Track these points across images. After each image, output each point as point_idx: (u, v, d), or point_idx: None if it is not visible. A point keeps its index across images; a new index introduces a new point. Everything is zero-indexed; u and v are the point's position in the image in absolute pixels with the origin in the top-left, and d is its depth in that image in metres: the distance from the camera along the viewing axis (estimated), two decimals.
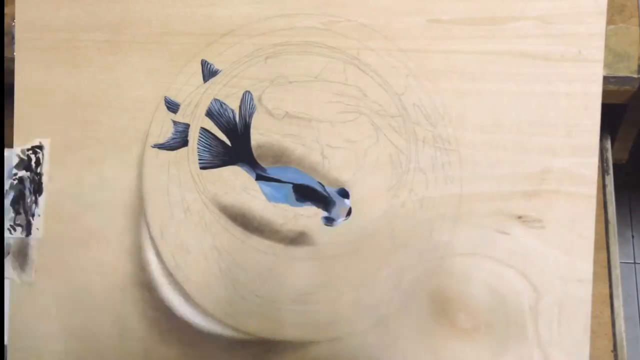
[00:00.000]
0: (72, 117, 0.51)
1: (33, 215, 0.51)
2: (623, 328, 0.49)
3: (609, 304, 0.49)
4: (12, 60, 0.52)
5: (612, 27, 0.44)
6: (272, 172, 0.47)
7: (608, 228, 0.51)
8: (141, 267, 0.48)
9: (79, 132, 0.51)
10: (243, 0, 0.48)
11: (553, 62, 0.43)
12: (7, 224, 0.51)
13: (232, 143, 0.48)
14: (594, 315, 0.42)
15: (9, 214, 0.51)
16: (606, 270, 0.50)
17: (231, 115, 0.48)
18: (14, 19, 0.52)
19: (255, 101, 0.48)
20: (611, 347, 0.48)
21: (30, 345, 0.50)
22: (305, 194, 0.46)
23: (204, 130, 0.48)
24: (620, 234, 0.54)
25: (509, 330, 0.42)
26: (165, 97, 0.49)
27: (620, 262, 0.50)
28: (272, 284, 0.46)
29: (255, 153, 0.47)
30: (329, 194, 0.46)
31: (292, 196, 0.46)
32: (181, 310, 0.47)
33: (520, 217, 0.43)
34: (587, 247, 0.42)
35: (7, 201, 0.51)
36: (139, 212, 0.49)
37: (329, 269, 0.45)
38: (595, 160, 0.43)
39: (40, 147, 0.51)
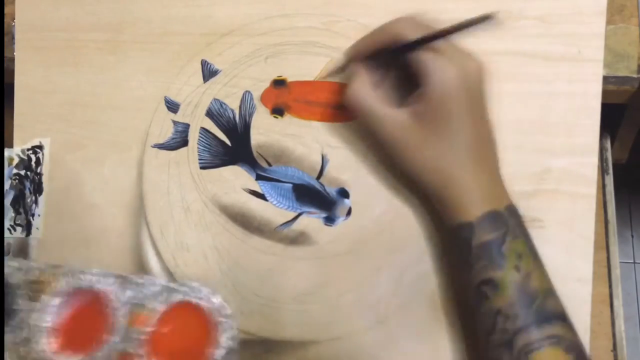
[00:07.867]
0: (72, 117, 0.51)
1: (33, 215, 0.51)
2: (623, 328, 0.49)
3: (609, 303, 0.49)
4: (12, 60, 0.52)
5: (611, 27, 0.44)
6: (272, 172, 0.47)
7: (608, 228, 0.51)
8: (141, 267, 0.48)
9: (79, 132, 0.51)
10: (243, 0, 0.48)
11: (553, 62, 0.43)
12: (7, 223, 0.51)
13: (232, 143, 0.48)
14: (594, 315, 0.42)
15: (9, 213, 0.51)
16: (606, 270, 0.50)
17: (231, 115, 0.48)
18: (14, 19, 0.52)
19: (255, 101, 0.48)
20: (611, 347, 0.48)
21: None
22: (305, 193, 0.46)
23: (204, 130, 0.48)
24: (620, 233, 0.54)
25: None
26: (165, 97, 0.49)
27: (620, 262, 0.50)
28: (272, 283, 0.46)
29: (255, 153, 0.47)
30: (329, 194, 0.46)
31: (293, 196, 0.46)
32: None
33: None
34: (587, 247, 0.42)
35: (7, 201, 0.51)
36: (139, 212, 0.49)
37: (329, 268, 0.45)
38: (594, 160, 0.43)
39: (40, 147, 0.51)
